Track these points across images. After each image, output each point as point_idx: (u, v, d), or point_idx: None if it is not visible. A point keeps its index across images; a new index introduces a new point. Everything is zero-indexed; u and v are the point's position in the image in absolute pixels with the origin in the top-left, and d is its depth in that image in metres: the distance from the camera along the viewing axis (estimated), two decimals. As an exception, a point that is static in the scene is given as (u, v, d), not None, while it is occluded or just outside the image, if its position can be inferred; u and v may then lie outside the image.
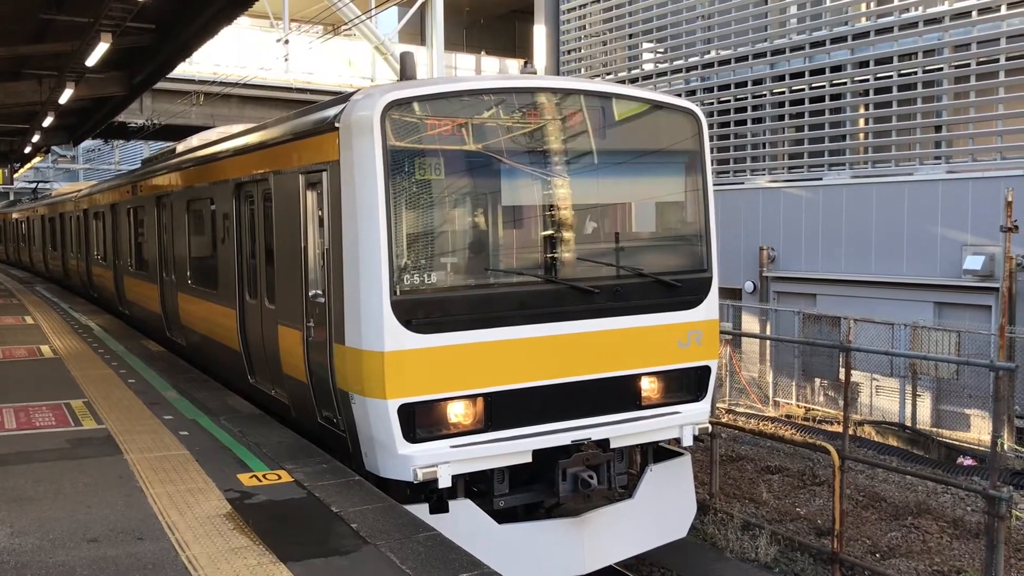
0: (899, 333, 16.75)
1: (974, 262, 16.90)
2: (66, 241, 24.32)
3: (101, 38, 13.01)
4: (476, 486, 7.68)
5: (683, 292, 8.17)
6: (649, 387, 8.09)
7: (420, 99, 7.23)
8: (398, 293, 6.91)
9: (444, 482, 7.03)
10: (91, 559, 5.33)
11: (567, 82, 8.44)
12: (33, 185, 43.04)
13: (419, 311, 6.99)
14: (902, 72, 19.12)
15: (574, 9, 28.04)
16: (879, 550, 10.89)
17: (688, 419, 8.23)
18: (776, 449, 14.78)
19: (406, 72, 8.08)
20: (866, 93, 20.01)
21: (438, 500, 7.24)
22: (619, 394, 7.90)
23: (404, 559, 5.34)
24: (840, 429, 12.44)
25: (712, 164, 8.94)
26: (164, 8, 13.95)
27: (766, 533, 10.79)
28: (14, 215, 38.81)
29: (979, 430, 15.59)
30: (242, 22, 25.20)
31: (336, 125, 7.25)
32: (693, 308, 8.25)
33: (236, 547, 5.51)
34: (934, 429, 16.42)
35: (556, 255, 7.64)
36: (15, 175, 41.69)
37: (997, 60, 17.47)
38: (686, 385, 8.32)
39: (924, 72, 18.74)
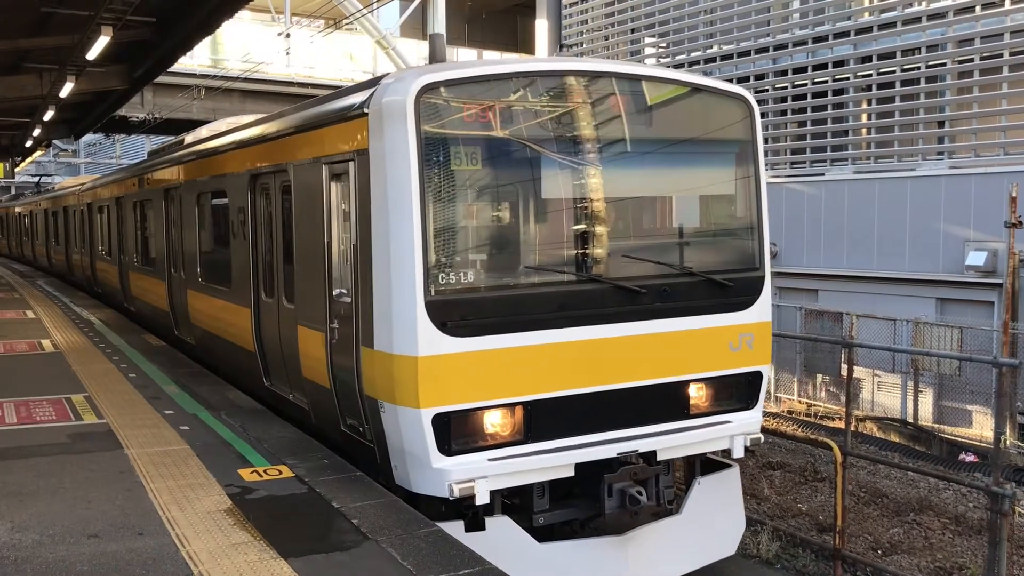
0: (901, 329, 16.71)
1: (977, 258, 16.86)
2: (70, 236, 24.24)
3: (102, 31, 12.96)
4: (511, 498, 7.18)
5: (734, 292, 7.63)
6: (697, 394, 7.55)
7: (457, 82, 6.64)
8: (433, 293, 6.38)
9: (482, 498, 6.50)
10: (91, 554, 5.31)
11: (616, 66, 7.85)
12: (36, 179, 43.04)
13: (455, 312, 6.46)
14: (905, 67, 19.05)
15: (576, 3, 27.97)
16: (881, 546, 10.88)
17: (739, 428, 7.67)
18: (778, 445, 14.76)
19: (435, 55, 7.57)
20: (869, 88, 19.95)
21: (473, 517, 6.75)
22: (666, 402, 7.36)
23: (405, 555, 5.32)
24: (842, 425, 12.41)
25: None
26: (165, 2, 13.92)
27: (768, 529, 10.78)
28: (17, 209, 38.78)
29: (981, 426, 15.57)
30: (243, 15, 25.16)
31: (365, 111, 6.72)
32: (745, 309, 7.71)
33: (237, 542, 5.49)
34: (936, 425, 16.40)
35: (602, 253, 7.13)
36: (16, 169, 41.68)
37: (1000, 55, 17.41)
38: (736, 392, 7.78)
39: (927, 67, 18.68)
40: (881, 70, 19.58)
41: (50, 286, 24.20)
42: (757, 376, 7.85)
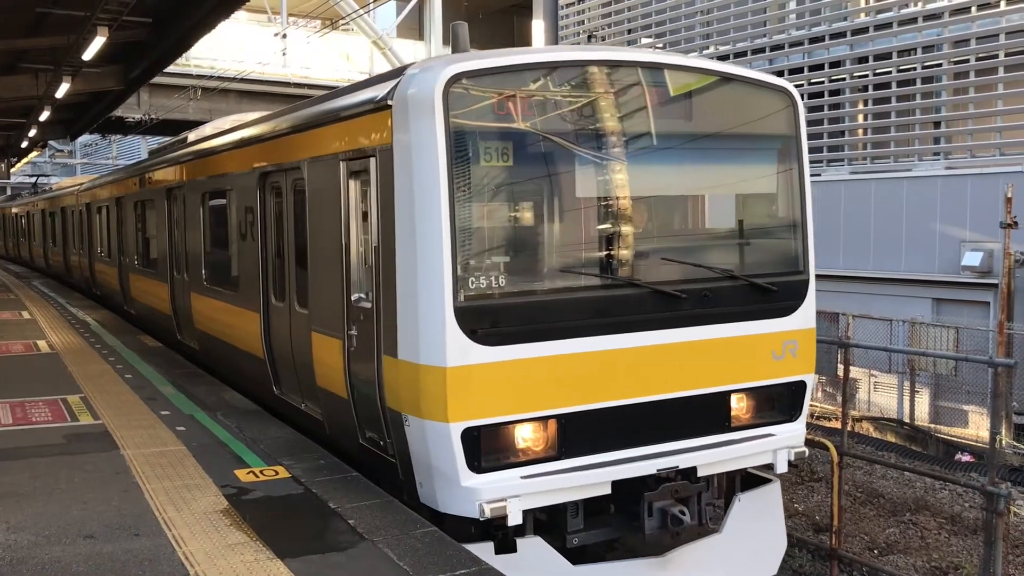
0: (897, 329, 16.74)
1: (973, 258, 16.89)
2: (68, 237, 24.11)
3: (98, 32, 12.99)
4: (539, 513, 6.64)
5: (778, 297, 7.20)
6: (739, 406, 7.12)
7: (488, 72, 6.17)
8: (462, 299, 5.93)
9: (514, 519, 6.06)
10: (87, 555, 5.31)
11: (657, 56, 7.42)
12: (32, 179, 43.08)
13: (486, 319, 6.02)
14: (901, 68, 19.09)
15: (573, 4, 28.00)
16: (877, 546, 10.90)
17: (782, 442, 7.23)
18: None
19: (459, 46, 7.01)
20: (865, 89, 19.99)
21: (503, 538, 6.32)
22: (707, 414, 6.93)
23: (401, 555, 5.32)
24: (838, 425, 12.43)
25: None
26: (161, 2, 13.92)
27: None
28: (13, 210, 38.72)
29: (977, 426, 15.60)
30: (239, 16, 25.16)
31: (389, 103, 6.25)
32: (789, 315, 7.25)
33: (233, 543, 5.49)
34: (932, 425, 16.44)
35: (641, 255, 6.73)
36: (12, 170, 41.69)
37: (996, 56, 17.45)
38: (779, 403, 7.34)
39: (923, 68, 18.72)
40: (877, 71, 19.61)
41: (46, 287, 24.16)
42: (801, 386, 7.44)
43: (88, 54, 14.26)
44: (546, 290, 6.48)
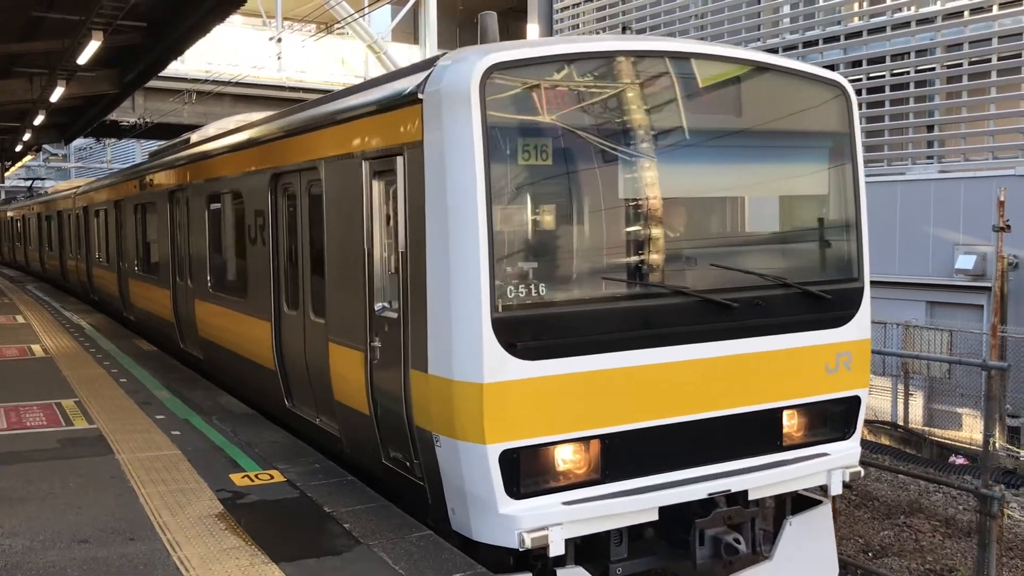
0: (891, 332, 16.78)
1: (966, 261, 16.94)
2: (64, 241, 23.94)
3: (92, 36, 13.00)
4: (578, 539, 6.12)
5: (833, 306, 6.75)
6: (791, 423, 6.64)
7: (528, 63, 5.73)
8: (500, 309, 5.48)
9: (556, 549, 5.60)
10: (82, 560, 5.31)
11: (710, 48, 6.94)
12: (28, 183, 42.99)
13: (525, 332, 5.58)
14: (894, 72, 19.16)
15: (567, 8, 28.07)
16: (872, 549, 10.92)
17: (837, 461, 6.77)
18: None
19: (487, 38, 6.51)
20: (859, 93, 20.05)
21: (543, 568, 5.87)
22: (758, 433, 6.46)
23: (397, 559, 5.33)
24: (833, 428, 12.46)
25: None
26: (156, 6, 13.93)
27: (759, 532, 10.80)
28: (9, 213, 38.62)
29: (971, 429, 15.63)
30: (234, 20, 25.18)
31: (419, 97, 5.79)
32: (843, 325, 6.80)
33: (228, 547, 5.49)
34: (926, 428, 16.47)
35: (693, 262, 6.36)
36: (6, 173, 41.64)
37: (989, 60, 17.52)
38: (832, 420, 6.90)
39: (916, 72, 18.78)
40: (871, 75, 19.68)
41: (40, 291, 24.12)
42: (855, 401, 7.00)
43: (83, 58, 14.26)
44: (590, 300, 6.02)
